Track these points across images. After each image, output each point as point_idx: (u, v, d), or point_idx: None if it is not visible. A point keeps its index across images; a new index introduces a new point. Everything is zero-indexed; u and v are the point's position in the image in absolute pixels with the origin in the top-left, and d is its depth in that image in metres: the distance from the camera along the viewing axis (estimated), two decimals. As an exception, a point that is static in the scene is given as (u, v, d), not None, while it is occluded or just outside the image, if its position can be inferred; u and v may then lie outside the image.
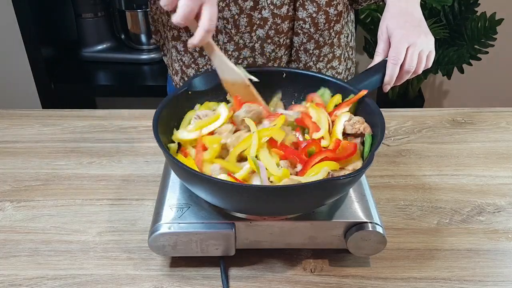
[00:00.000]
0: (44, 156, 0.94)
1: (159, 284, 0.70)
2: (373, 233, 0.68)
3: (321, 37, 0.92)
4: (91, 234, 0.77)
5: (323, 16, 0.89)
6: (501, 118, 1.05)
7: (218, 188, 0.62)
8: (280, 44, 0.91)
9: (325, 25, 0.90)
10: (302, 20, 0.89)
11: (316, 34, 0.91)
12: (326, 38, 0.92)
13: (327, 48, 0.94)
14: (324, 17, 0.89)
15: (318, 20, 0.89)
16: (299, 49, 0.93)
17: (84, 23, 1.78)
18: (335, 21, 0.91)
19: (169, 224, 0.68)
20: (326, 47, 0.94)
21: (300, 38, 0.91)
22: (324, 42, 0.93)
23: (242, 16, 0.87)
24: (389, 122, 1.03)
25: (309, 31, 0.90)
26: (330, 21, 0.91)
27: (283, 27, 0.89)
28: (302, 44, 0.92)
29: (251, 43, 0.90)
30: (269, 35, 0.89)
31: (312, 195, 0.63)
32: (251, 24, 0.88)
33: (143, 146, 0.96)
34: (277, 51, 0.91)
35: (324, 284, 0.70)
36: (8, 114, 1.06)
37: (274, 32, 0.88)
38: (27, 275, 0.71)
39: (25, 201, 0.83)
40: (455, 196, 0.85)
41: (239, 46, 0.90)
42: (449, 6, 1.86)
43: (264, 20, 0.88)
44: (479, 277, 0.71)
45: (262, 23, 0.88)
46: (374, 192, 0.81)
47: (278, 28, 0.89)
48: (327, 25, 0.91)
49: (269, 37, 0.89)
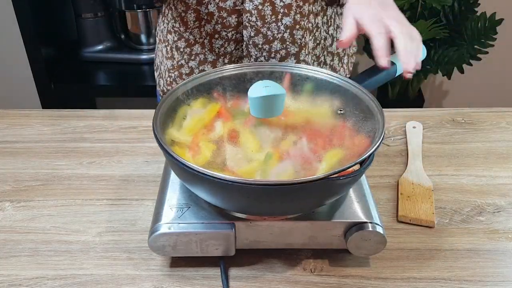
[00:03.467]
0: (44, 156, 0.94)
1: (159, 284, 0.70)
2: (373, 233, 0.68)
3: (269, 30, 0.90)
4: (91, 234, 0.77)
5: (269, 7, 0.88)
6: (501, 118, 1.04)
7: (217, 185, 0.62)
8: (228, 38, 0.90)
9: (272, 17, 0.89)
10: (249, 12, 0.89)
11: (264, 27, 0.90)
12: (274, 32, 0.91)
13: (277, 43, 0.92)
14: (270, 8, 0.88)
15: (264, 13, 0.88)
16: (248, 43, 0.92)
17: (84, 23, 1.78)
18: (283, 13, 0.90)
19: (169, 224, 0.68)
20: (276, 42, 0.92)
21: (248, 31, 0.91)
22: (273, 36, 0.91)
23: (189, 12, 0.87)
24: (389, 122, 1.03)
25: (256, 24, 0.89)
26: (277, 13, 0.89)
27: (230, 21, 0.89)
28: (251, 38, 0.91)
29: (201, 39, 0.90)
30: (216, 30, 0.89)
31: (312, 195, 0.63)
32: (199, 19, 0.88)
33: (143, 146, 0.96)
34: (226, 46, 0.91)
35: (324, 284, 0.70)
36: (8, 114, 1.06)
37: (221, 26, 0.88)
38: (27, 275, 0.71)
39: (25, 201, 0.83)
40: (455, 196, 0.85)
41: (190, 42, 0.91)
42: (449, 6, 1.86)
43: (210, 14, 0.87)
44: (479, 277, 0.71)
45: (209, 18, 0.88)
46: (374, 192, 0.81)
47: (224, 22, 0.88)
48: (274, 17, 0.89)
49: (216, 32, 0.89)
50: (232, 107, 0.76)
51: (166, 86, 1.04)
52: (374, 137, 0.67)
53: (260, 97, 0.67)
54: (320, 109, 0.75)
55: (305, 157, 0.67)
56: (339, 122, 0.73)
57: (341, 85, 0.77)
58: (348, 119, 0.72)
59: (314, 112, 0.74)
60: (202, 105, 0.76)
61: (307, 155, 0.67)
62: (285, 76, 0.79)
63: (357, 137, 0.70)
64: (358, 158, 0.63)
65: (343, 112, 0.74)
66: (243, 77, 0.79)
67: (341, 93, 0.76)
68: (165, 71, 1.03)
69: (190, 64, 0.97)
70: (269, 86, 0.68)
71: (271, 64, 0.82)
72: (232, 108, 0.75)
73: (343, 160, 0.66)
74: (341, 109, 0.74)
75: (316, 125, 0.72)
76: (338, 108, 0.74)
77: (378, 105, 0.71)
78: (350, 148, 0.68)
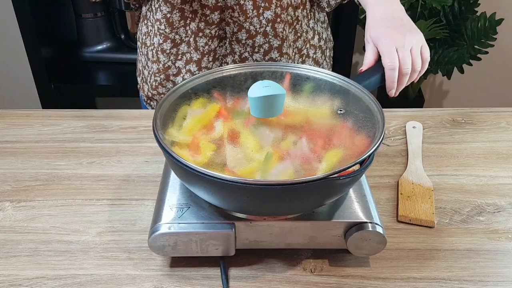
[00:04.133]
0: (44, 156, 0.94)
1: (159, 284, 0.70)
2: (373, 233, 0.68)
3: (252, 25, 0.92)
4: (91, 234, 0.77)
5: (250, 2, 0.90)
6: (501, 118, 1.04)
7: (217, 185, 0.62)
8: (212, 36, 0.91)
9: (253, 11, 0.90)
10: (231, 8, 0.90)
11: (246, 22, 0.91)
12: (257, 27, 0.92)
13: (260, 37, 0.93)
14: (251, 2, 0.90)
15: (246, 7, 0.90)
16: (232, 40, 0.93)
17: (84, 23, 1.78)
18: (264, 7, 0.91)
19: (169, 224, 0.68)
20: (259, 37, 0.93)
21: (231, 27, 0.91)
22: (255, 31, 0.93)
23: (175, 12, 0.88)
24: (389, 122, 1.03)
25: (238, 19, 0.90)
26: (258, 7, 0.90)
27: (213, 18, 0.90)
28: (234, 34, 0.92)
29: (187, 37, 0.91)
30: (200, 28, 0.89)
31: (312, 195, 0.63)
32: (184, 17, 0.89)
33: (143, 146, 0.96)
34: (210, 43, 0.92)
35: (324, 284, 0.70)
36: (8, 114, 1.06)
37: (204, 24, 0.89)
38: (27, 275, 0.71)
39: (25, 201, 0.83)
40: (455, 196, 0.85)
41: (176, 43, 0.92)
42: (449, 6, 1.86)
43: (194, 12, 0.88)
44: (479, 277, 0.71)
45: (193, 16, 0.89)
46: (374, 192, 0.81)
47: (208, 20, 0.89)
48: (255, 11, 0.91)
49: (200, 30, 0.89)
50: (232, 107, 0.76)
51: (151, 91, 1.04)
52: (374, 137, 0.67)
53: (260, 97, 0.67)
54: (320, 109, 0.75)
55: (305, 157, 0.67)
56: (339, 122, 0.73)
57: (341, 85, 0.77)
58: (348, 119, 0.72)
59: (314, 112, 0.74)
60: (202, 105, 0.76)
61: (307, 155, 0.67)
62: (285, 76, 0.79)
63: (357, 137, 0.70)
64: (358, 158, 0.63)
65: (343, 112, 0.74)
66: (243, 77, 0.79)
67: (341, 93, 0.76)
68: (150, 75, 1.03)
69: (177, 65, 0.98)
70: (269, 86, 0.68)
71: (271, 64, 0.82)
72: (232, 108, 0.75)
73: (343, 160, 0.66)
74: (341, 109, 0.74)
75: (316, 125, 0.72)
76: (338, 108, 0.75)
77: (378, 105, 0.71)
78: (350, 148, 0.68)
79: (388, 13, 0.79)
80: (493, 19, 1.86)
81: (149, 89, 1.05)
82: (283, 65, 0.81)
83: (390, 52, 0.75)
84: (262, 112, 0.69)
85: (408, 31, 0.77)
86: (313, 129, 0.71)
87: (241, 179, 0.60)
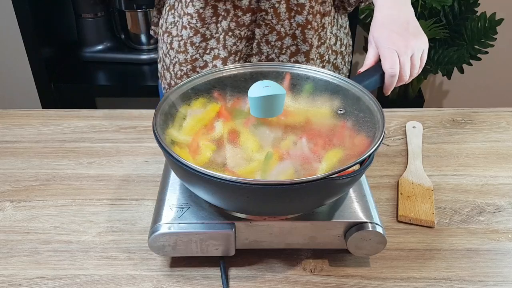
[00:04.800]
0: (44, 156, 0.94)
1: (159, 284, 0.70)
2: (373, 233, 0.68)
3: (282, 27, 0.93)
4: (91, 234, 0.77)
5: (284, 5, 0.91)
6: (501, 118, 1.05)
7: (217, 185, 0.62)
8: (241, 37, 0.92)
9: (286, 14, 0.91)
10: (264, 11, 0.91)
11: (278, 25, 0.92)
12: (287, 29, 0.93)
13: (288, 39, 0.94)
14: (285, 5, 0.91)
15: (279, 10, 0.91)
16: (260, 41, 0.94)
17: (84, 23, 1.78)
18: (296, 11, 0.92)
19: (169, 224, 0.68)
20: (287, 38, 0.94)
21: (262, 29, 0.93)
22: (285, 32, 0.94)
23: (207, 8, 0.89)
24: (389, 122, 1.03)
25: (271, 22, 0.91)
26: (290, 10, 0.91)
27: (244, 20, 0.91)
28: (264, 36, 0.93)
29: (217, 34, 0.92)
30: (230, 27, 0.90)
31: (312, 195, 0.63)
32: (216, 14, 0.90)
33: (143, 146, 0.96)
34: (238, 44, 0.93)
35: (324, 284, 0.70)
36: (8, 114, 1.06)
37: (235, 24, 0.90)
38: (27, 275, 0.71)
39: (25, 201, 0.83)
40: (455, 196, 0.85)
41: (205, 37, 0.92)
42: (449, 6, 1.86)
43: (227, 11, 0.89)
44: (479, 277, 0.71)
45: (225, 14, 0.90)
46: (374, 192, 0.81)
47: (238, 21, 0.90)
48: (287, 14, 0.92)
49: (230, 30, 0.90)
50: (232, 107, 0.76)
51: (175, 80, 1.04)
52: (374, 137, 0.67)
53: (260, 97, 0.67)
54: (320, 109, 0.75)
55: (305, 157, 0.67)
56: (339, 122, 0.73)
57: (341, 85, 0.77)
58: (348, 119, 0.72)
59: (314, 112, 0.74)
60: (202, 105, 0.76)
61: (307, 155, 0.67)
62: (285, 76, 0.79)
63: (357, 137, 0.70)
64: (358, 158, 0.63)
65: (343, 112, 0.74)
66: (243, 77, 0.79)
67: (341, 93, 0.76)
68: (174, 64, 1.02)
69: (205, 58, 0.98)
70: (269, 86, 0.68)
71: (271, 64, 0.82)
72: (232, 108, 0.75)
73: (343, 160, 0.66)
74: (341, 109, 0.74)
75: (316, 125, 0.72)
76: (338, 108, 0.75)
77: (378, 105, 0.71)
78: (350, 148, 0.68)
79: (395, 15, 0.79)
80: (493, 19, 1.86)
81: (172, 77, 1.04)
82: (283, 65, 0.81)
83: (391, 57, 0.75)
84: (262, 112, 0.69)
85: (412, 36, 0.76)
86: (313, 129, 0.71)
87: (241, 179, 0.60)
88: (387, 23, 0.78)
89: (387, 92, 0.78)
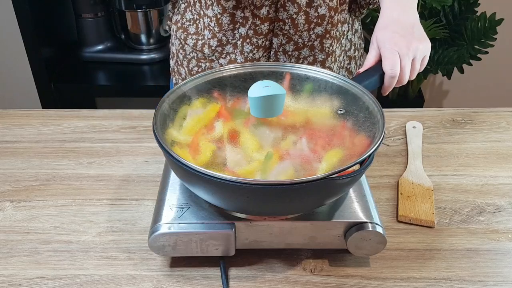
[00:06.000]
0: (44, 156, 0.94)
1: (159, 284, 0.70)
2: (373, 233, 0.68)
3: (300, 38, 0.93)
4: (91, 234, 0.77)
5: (303, 17, 0.90)
6: (501, 118, 1.05)
7: (217, 185, 0.62)
8: (258, 45, 0.92)
9: (305, 26, 0.91)
10: (282, 21, 0.90)
11: (296, 35, 0.92)
12: (305, 40, 0.93)
13: (306, 50, 0.95)
14: (304, 17, 0.90)
15: (298, 21, 0.90)
16: (278, 51, 0.94)
17: (84, 23, 1.78)
18: (316, 23, 0.92)
19: (169, 224, 0.68)
20: (305, 49, 0.94)
21: (280, 39, 0.92)
22: (303, 44, 0.94)
23: (225, 15, 0.89)
24: (389, 122, 1.03)
25: (288, 32, 0.91)
26: (310, 22, 0.91)
27: (262, 29, 0.91)
28: (281, 46, 0.93)
29: (234, 40, 0.91)
30: (248, 34, 0.90)
31: (312, 195, 0.63)
32: (234, 22, 0.90)
33: (143, 146, 0.96)
34: (255, 52, 0.93)
35: (324, 284, 0.70)
36: (8, 114, 1.06)
37: (252, 32, 0.90)
38: (27, 275, 0.71)
39: (25, 201, 0.83)
40: (455, 196, 0.85)
41: (222, 43, 0.92)
42: (449, 6, 1.86)
43: (245, 18, 0.89)
44: (479, 277, 0.71)
45: (243, 22, 0.89)
46: (374, 192, 0.81)
47: (256, 29, 0.90)
48: (307, 26, 0.91)
49: (248, 37, 0.90)
50: (232, 107, 0.76)
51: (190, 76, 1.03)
52: (374, 137, 0.67)
53: (260, 97, 0.67)
54: (320, 109, 0.75)
55: (305, 157, 0.67)
56: (339, 122, 0.73)
57: (341, 85, 0.77)
58: (348, 119, 0.72)
59: (314, 112, 0.74)
60: (202, 105, 0.76)
61: (307, 155, 0.67)
62: (285, 76, 0.79)
63: (357, 137, 0.70)
64: (358, 158, 0.63)
65: (343, 112, 0.74)
66: (243, 77, 0.79)
67: (341, 93, 0.76)
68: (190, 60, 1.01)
69: (220, 61, 0.98)
70: (269, 86, 0.68)
71: (271, 64, 0.82)
72: (232, 108, 0.75)
73: (343, 160, 0.66)
74: (341, 109, 0.74)
75: (316, 125, 0.72)
76: (338, 108, 0.75)
77: (378, 105, 0.71)
78: (350, 148, 0.68)
79: (400, 18, 0.78)
80: (493, 19, 1.86)
81: (186, 73, 1.04)
82: (283, 65, 0.81)
83: (392, 58, 0.74)
84: (262, 112, 0.69)
85: (415, 39, 0.76)
86: (313, 129, 0.71)
87: (241, 179, 0.60)
88: (391, 25, 0.78)
89: (385, 92, 0.78)
